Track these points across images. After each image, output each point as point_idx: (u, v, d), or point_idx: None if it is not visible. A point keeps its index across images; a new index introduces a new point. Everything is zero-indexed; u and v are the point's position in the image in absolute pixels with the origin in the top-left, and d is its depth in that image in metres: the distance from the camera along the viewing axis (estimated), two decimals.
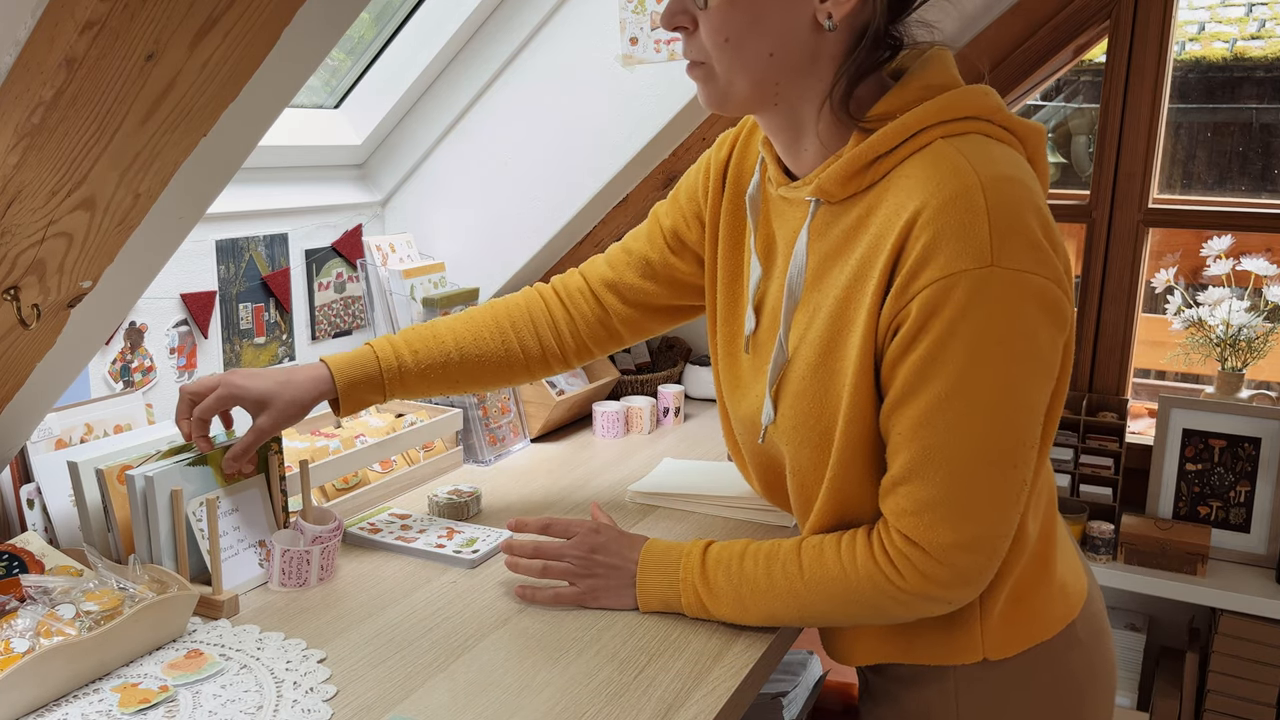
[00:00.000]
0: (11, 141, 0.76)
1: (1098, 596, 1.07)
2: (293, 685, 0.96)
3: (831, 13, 0.88)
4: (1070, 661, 1.00)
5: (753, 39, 0.90)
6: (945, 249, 0.83)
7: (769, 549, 1.01)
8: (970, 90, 0.91)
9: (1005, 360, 0.84)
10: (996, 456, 0.86)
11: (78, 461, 1.13)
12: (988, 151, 0.87)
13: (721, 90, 0.94)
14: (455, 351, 1.24)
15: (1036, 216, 0.85)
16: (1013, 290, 0.83)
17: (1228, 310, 2.17)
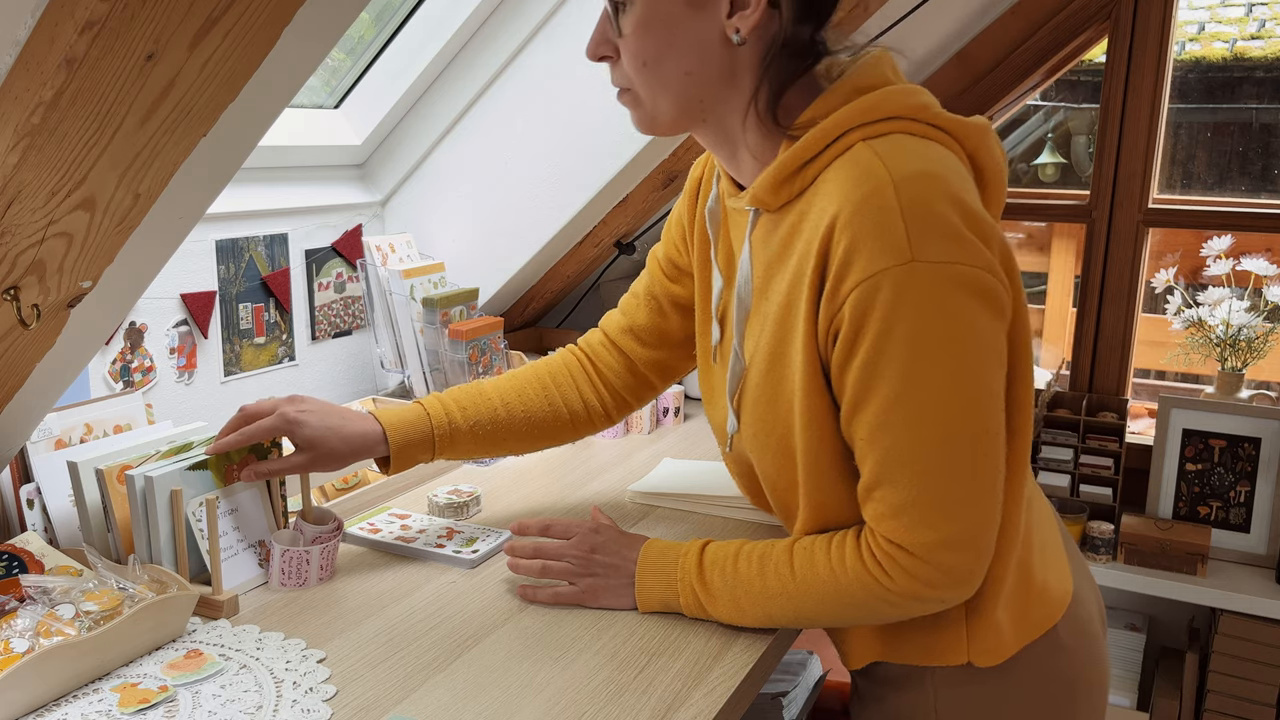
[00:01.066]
0: (11, 141, 0.76)
1: (1089, 600, 1.05)
2: (292, 685, 0.96)
3: (738, 27, 0.90)
4: (1056, 667, 0.99)
5: (669, 60, 0.93)
6: (865, 250, 0.84)
7: (762, 550, 1.01)
8: (894, 90, 0.91)
9: (947, 351, 0.84)
10: (960, 449, 0.86)
11: (77, 461, 1.13)
12: (906, 150, 0.87)
13: (649, 113, 0.98)
14: (502, 408, 1.25)
15: (955, 207, 0.84)
16: (938, 282, 0.83)
17: (1228, 310, 2.17)
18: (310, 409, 1.16)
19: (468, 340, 1.70)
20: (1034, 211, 2.66)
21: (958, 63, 2.39)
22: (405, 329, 1.77)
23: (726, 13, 0.91)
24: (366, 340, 1.90)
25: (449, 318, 1.74)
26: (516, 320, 2.19)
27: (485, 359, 1.75)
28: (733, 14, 0.91)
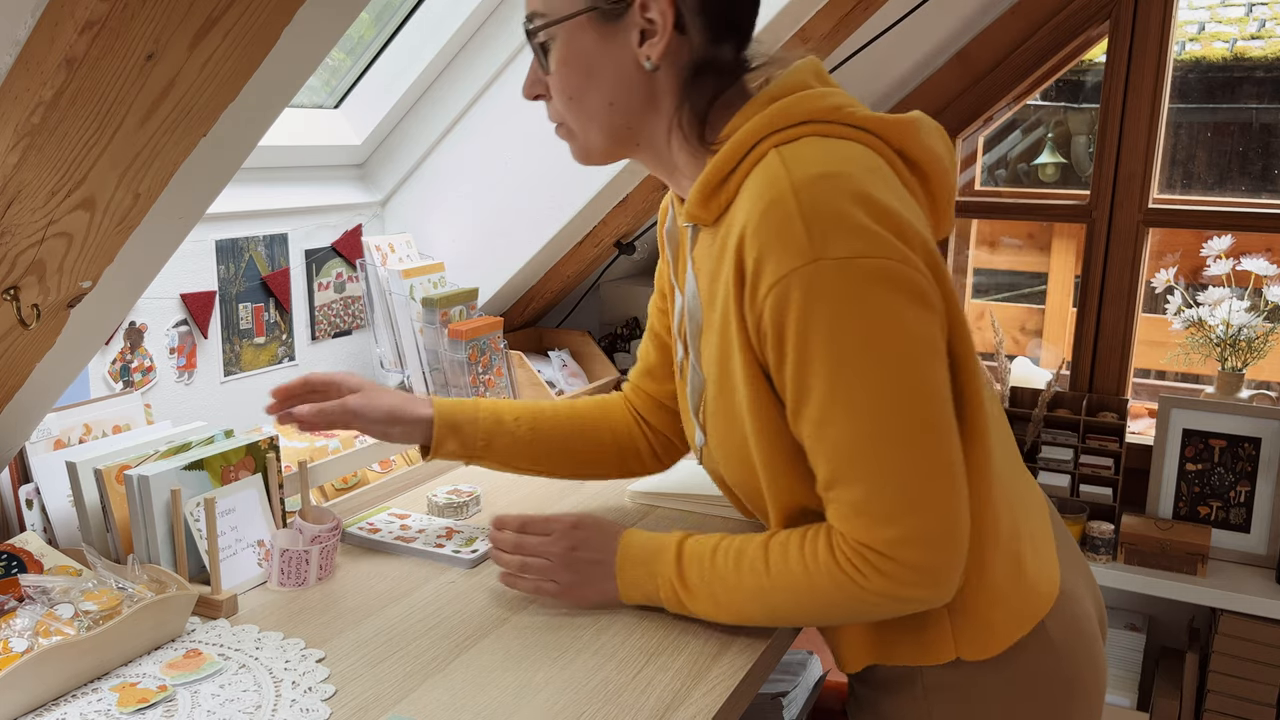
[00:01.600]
0: (11, 141, 0.76)
1: (1084, 598, 1.04)
2: (291, 685, 0.96)
3: (649, 55, 0.95)
4: (1048, 667, 0.98)
5: (591, 92, 0.98)
6: (772, 256, 0.86)
7: (739, 545, 1.00)
8: (804, 95, 0.93)
9: (867, 344, 0.85)
10: (903, 441, 0.86)
11: (76, 462, 1.13)
12: (812, 152, 0.89)
13: (582, 144, 1.03)
14: (549, 412, 1.27)
15: (859, 203, 0.85)
16: (848, 277, 0.84)
17: (1228, 310, 2.17)
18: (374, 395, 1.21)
19: (467, 340, 1.70)
20: (1034, 211, 2.66)
21: (958, 63, 2.39)
22: (405, 329, 1.77)
23: (638, 41, 0.95)
24: (366, 340, 1.90)
25: (449, 318, 1.74)
26: (516, 320, 2.19)
27: (485, 359, 1.75)
28: (643, 42, 0.95)
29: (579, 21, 0.95)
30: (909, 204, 0.91)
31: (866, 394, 0.85)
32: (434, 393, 1.75)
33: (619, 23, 0.95)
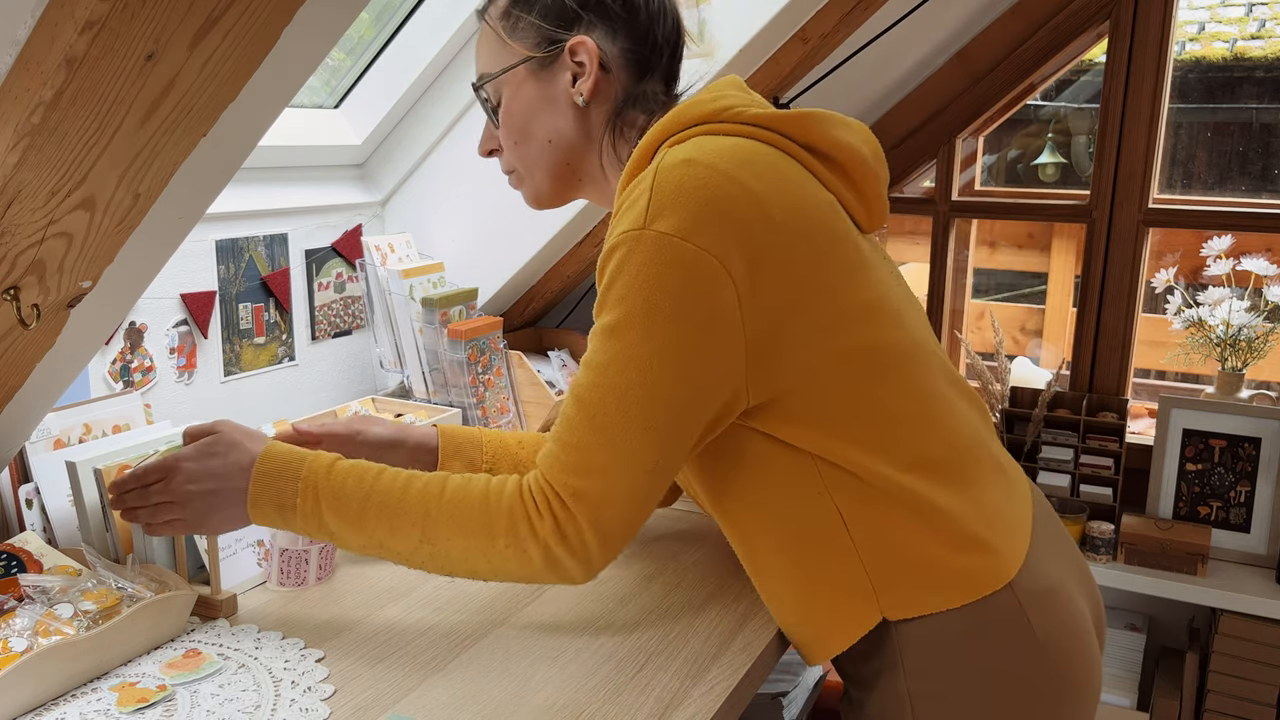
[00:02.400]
0: (11, 141, 0.76)
1: (1074, 596, 1.02)
2: (291, 685, 0.96)
3: (580, 92, 1.06)
4: (1032, 664, 0.96)
5: (533, 133, 1.09)
6: (619, 221, 0.94)
7: (417, 473, 0.99)
8: (695, 100, 1.02)
9: (649, 320, 0.90)
10: (637, 416, 0.90)
11: (76, 461, 1.13)
12: (690, 145, 0.96)
13: (532, 189, 1.14)
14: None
15: (701, 189, 0.91)
16: (657, 252, 0.90)
17: (1228, 310, 2.17)
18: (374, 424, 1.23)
19: (467, 340, 1.71)
20: (1034, 211, 2.66)
21: (958, 63, 2.39)
22: (405, 329, 1.77)
23: (570, 83, 1.07)
24: (366, 340, 1.90)
25: (448, 318, 1.74)
26: (516, 320, 2.19)
27: (484, 359, 1.75)
28: (575, 83, 1.07)
29: (518, 72, 1.07)
30: (786, 183, 0.96)
31: (626, 358, 0.91)
32: (434, 391, 1.75)
33: (552, 68, 1.07)
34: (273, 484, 0.99)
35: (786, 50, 1.92)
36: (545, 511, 0.93)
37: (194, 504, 1.02)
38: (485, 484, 0.96)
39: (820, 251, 0.96)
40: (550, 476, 0.93)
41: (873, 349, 0.97)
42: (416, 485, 0.97)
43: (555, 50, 1.06)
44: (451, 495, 0.96)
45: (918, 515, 0.96)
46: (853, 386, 0.96)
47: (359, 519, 0.97)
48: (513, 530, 0.93)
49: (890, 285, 1.03)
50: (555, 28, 1.06)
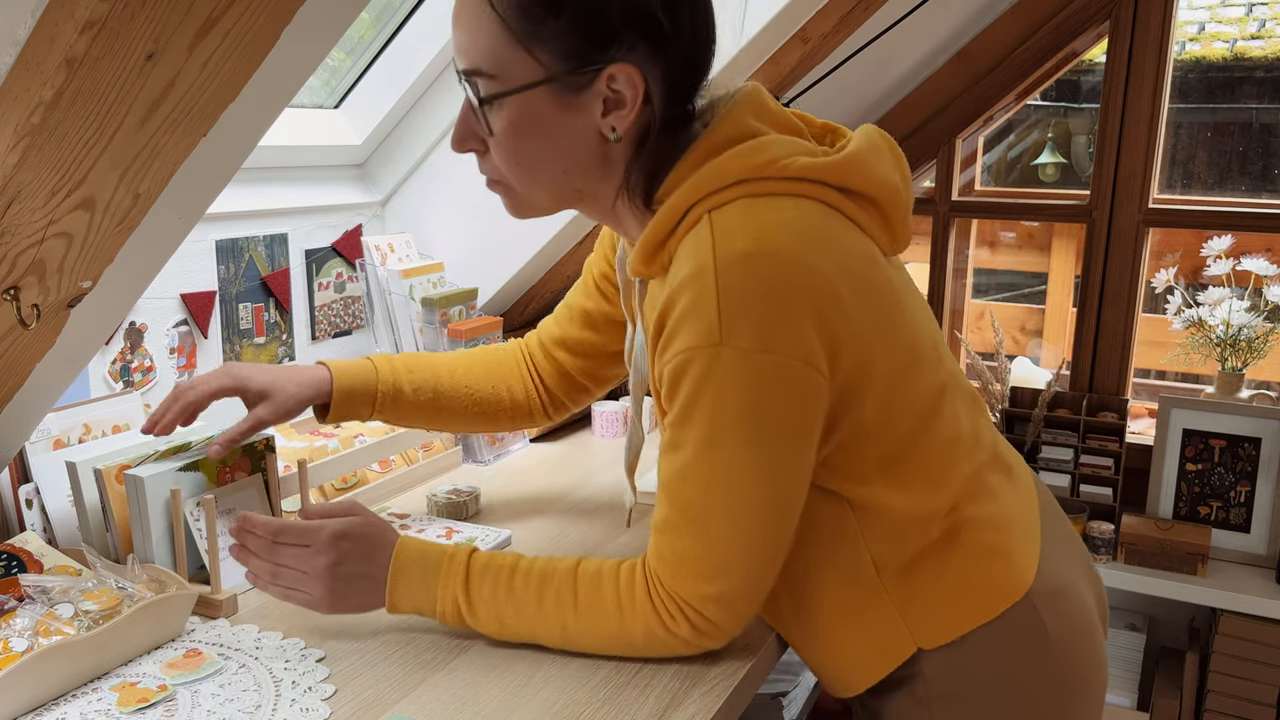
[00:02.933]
0: (11, 141, 0.76)
1: (1081, 592, 1.03)
2: (291, 685, 0.96)
3: (614, 126, 0.92)
4: (1044, 664, 0.97)
5: (544, 159, 0.95)
6: (685, 328, 0.87)
7: (543, 569, 0.99)
8: (736, 154, 0.91)
9: (745, 433, 0.87)
10: (746, 520, 0.89)
11: (76, 461, 1.13)
12: (742, 221, 0.88)
13: (524, 203, 1.00)
14: (448, 379, 1.25)
15: (774, 292, 0.85)
16: (743, 369, 0.85)
17: (1228, 310, 2.17)
18: (255, 366, 1.17)
19: (467, 340, 1.70)
20: (1034, 211, 2.66)
21: (958, 63, 2.39)
22: (405, 329, 1.77)
23: (601, 112, 0.92)
24: (366, 340, 1.90)
25: (448, 318, 1.74)
26: (516, 320, 2.19)
27: None
28: (608, 113, 0.92)
29: (535, 90, 0.91)
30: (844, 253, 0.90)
31: (729, 471, 0.88)
32: None
33: (581, 95, 0.91)
34: (414, 581, 1.00)
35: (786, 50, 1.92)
36: (679, 617, 0.94)
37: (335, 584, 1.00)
38: (616, 592, 0.96)
39: (876, 313, 0.92)
40: (673, 588, 0.93)
41: (916, 396, 0.95)
42: (550, 592, 0.98)
43: (589, 73, 0.90)
44: (585, 608, 0.97)
45: (944, 545, 0.96)
46: (895, 434, 0.94)
47: (499, 626, 1.00)
48: (650, 636, 0.96)
49: (918, 314, 1.00)
50: (591, 45, 0.89)
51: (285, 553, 1.01)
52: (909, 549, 0.96)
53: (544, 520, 1.37)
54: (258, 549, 1.02)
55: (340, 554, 1.00)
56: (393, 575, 1.00)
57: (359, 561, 1.00)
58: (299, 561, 1.00)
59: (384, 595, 1.01)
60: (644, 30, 0.89)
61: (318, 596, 1.00)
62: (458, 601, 1.00)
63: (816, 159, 0.92)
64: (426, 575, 1.00)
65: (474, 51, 0.92)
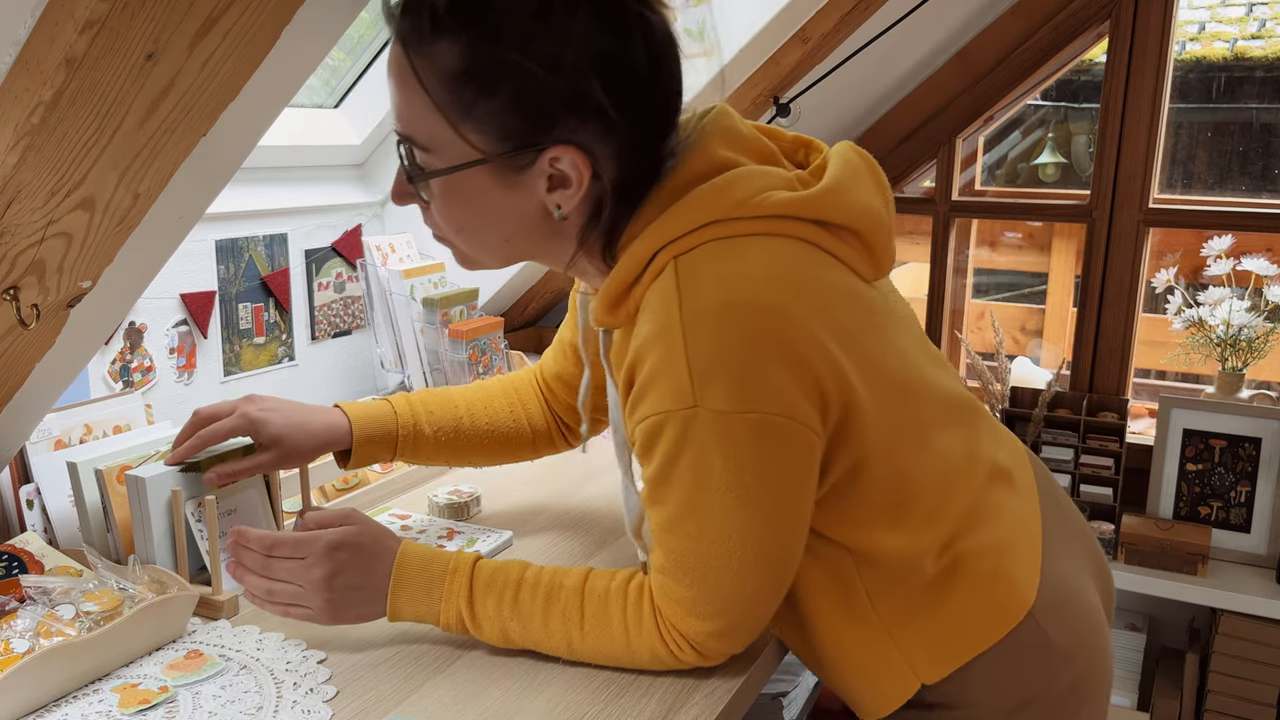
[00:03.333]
0: (11, 141, 0.76)
1: (1086, 591, 1.01)
2: (293, 686, 0.96)
3: (559, 204, 0.87)
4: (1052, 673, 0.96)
5: (485, 229, 0.91)
6: (655, 388, 0.84)
7: (549, 584, 0.97)
8: (701, 195, 0.86)
9: (734, 494, 0.85)
10: (742, 568, 0.88)
11: (77, 462, 1.13)
12: (709, 270, 0.84)
13: (469, 260, 0.97)
14: (467, 418, 1.24)
15: (746, 347, 0.81)
16: (722, 432, 0.82)
17: (1228, 310, 2.17)
18: (272, 406, 1.14)
19: (468, 340, 1.70)
20: (1034, 211, 2.66)
21: (958, 63, 2.38)
22: (405, 329, 1.77)
23: (545, 189, 0.87)
24: (366, 340, 1.90)
25: (449, 318, 1.74)
26: (516, 320, 2.19)
27: (485, 359, 1.75)
28: (552, 189, 0.87)
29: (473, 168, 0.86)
30: (822, 295, 0.86)
31: (719, 529, 0.86)
32: None
33: (522, 174, 0.86)
34: (416, 592, 0.99)
35: (786, 50, 1.92)
36: (685, 647, 0.94)
37: (333, 596, 0.97)
38: (623, 614, 0.95)
39: (860, 353, 0.88)
40: (677, 624, 0.92)
41: (907, 433, 0.93)
42: (556, 610, 0.96)
43: (528, 155, 0.85)
44: (591, 629, 0.96)
45: (944, 580, 0.94)
46: (888, 475, 0.91)
47: (503, 638, 0.99)
48: (655, 659, 0.95)
49: (905, 340, 0.96)
50: (530, 127, 0.83)
51: (280, 567, 0.98)
52: (906, 587, 0.94)
53: (545, 521, 1.37)
54: (253, 565, 0.99)
55: (336, 565, 0.97)
56: (394, 585, 0.99)
57: (356, 572, 0.98)
58: (294, 575, 0.98)
59: (384, 605, 1.00)
60: (588, 114, 0.83)
61: (317, 609, 0.98)
62: (461, 614, 0.98)
63: (794, 194, 0.87)
64: (429, 586, 0.99)
65: (406, 120, 0.88)
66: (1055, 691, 0.97)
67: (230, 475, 1.13)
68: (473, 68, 0.82)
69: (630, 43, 0.83)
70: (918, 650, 0.95)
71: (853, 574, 0.95)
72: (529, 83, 0.81)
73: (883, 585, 0.94)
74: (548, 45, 0.81)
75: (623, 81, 0.83)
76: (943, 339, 2.61)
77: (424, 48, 0.83)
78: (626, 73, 0.83)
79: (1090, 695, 1.00)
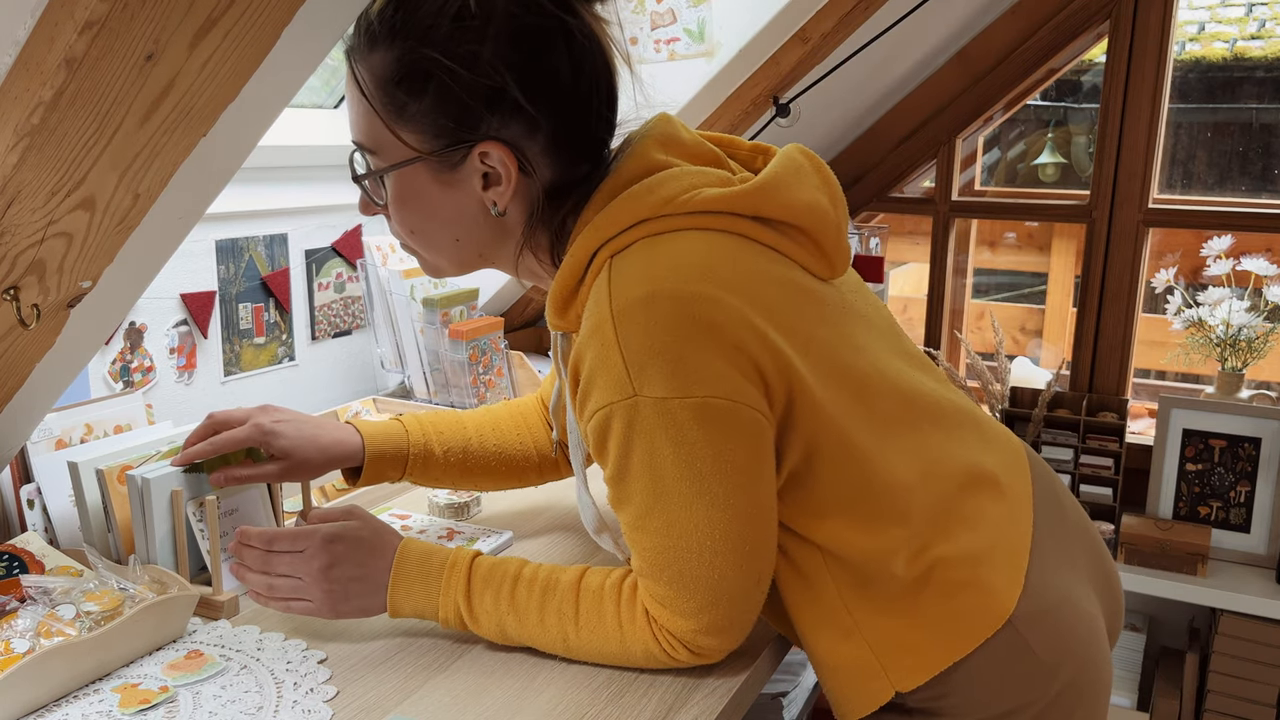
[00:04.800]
0: (11, 141, 0.76)
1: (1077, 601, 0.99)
2: (293, 686, 0.96)
3: (495, 200, 0.93)
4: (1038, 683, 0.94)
5: (433, 230, 0.96)
6: (596, 383, 0.86)
7: (546, 579, 0.98)
8: (630, 196, 0.90)
9: (691, 483, 0.86)
10: (716, 558, 0.88)
11: (78, 462, 1.13)
12: (636, 265, 0.87)
13: (432, 266, 1.01)
14: (476, 440, 1.25)
15: (674, 330, 0.83)
16: (664, 418, 0.84)
17: (1228, 310, 2.17)
18: (285, 418, 1.15)
19: (468, 340, 1.70)
20: (1034, 211, 2.66)
21: (958, 63, 2.39)
22: (405, 329, 1.77)
23: (481, 186, 0.92)
24: (366, 340, 1.90)
25: (449, 318, 1.74)
26: (516, 320, 2.19)
27: (485, 359, 1.75)
28: (487, 187, 0.92)
29: (412, 167, 0.92)
30: (754, 282, 0.88)
31: (684, 521, 0.87)
32: (435, 391, 1.75)
33: (457, 170, 0.92)
34: (415, 586, 1.00)
35: (786, 50, 1.92)
36: (677, 645, 0.94)
37: (332, 587, 0.99)
38: (617, 612, 0.95)
39: (805, 341, 0.89)
40: (666, 624, 0.93)
41: (867, 426, 0.92)
42: (551, 606, 0.97)
43: (459, 151, 0.90)
44: (585, 626, 0.96)
45: (916, 588, 0.93)
46: (848, 466, 0.91)
47: (500, 634, 1.00)
48: (649, 657, 0.96)
49: (866, 337, 0.96)
50: (457, 125, 0.89)
51: (280, 561, 1.01)
52: (877, 590, 0.93)
53: (545, 521, 1.37)
54: (253, 562, 1.02)
55: (333, 556, 1.00)
56: (394, 579, 1.00)
57: (353, 564, 1.00)
58: (294, 568, 1.00)
59: (384, 598, 1.01)
60: (512, 109, 0.89)
61: (317, 601, 1.00)
62: (459, 609, 0.99)
63: (723, 190, 0.89)
64: (428, 580, 1.00)
65: (355, 126, 0.95)
66: (1041, 701, 0.95)
67: (237, 479, 1.14)
68: (400, 70, 0.88)
69: (548, 43, 0.88)
70: (891, 656, 0.94)
71: (824, 573, 0.94)
72: (451, 81, 0.87)
73: (854, 586, 0.94)
74: (466, 44, 0.86)
75: (539, 80, 0.89)
76: (943, 339, 2.61)
77: (363, 58, 0.91)
78: (544, 72, 0.89)
79: (1081, 704, 0.97)
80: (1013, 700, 0.95)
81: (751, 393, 0.86)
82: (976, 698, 0.95)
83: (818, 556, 0.95)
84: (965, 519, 0.96)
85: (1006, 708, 0.95)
